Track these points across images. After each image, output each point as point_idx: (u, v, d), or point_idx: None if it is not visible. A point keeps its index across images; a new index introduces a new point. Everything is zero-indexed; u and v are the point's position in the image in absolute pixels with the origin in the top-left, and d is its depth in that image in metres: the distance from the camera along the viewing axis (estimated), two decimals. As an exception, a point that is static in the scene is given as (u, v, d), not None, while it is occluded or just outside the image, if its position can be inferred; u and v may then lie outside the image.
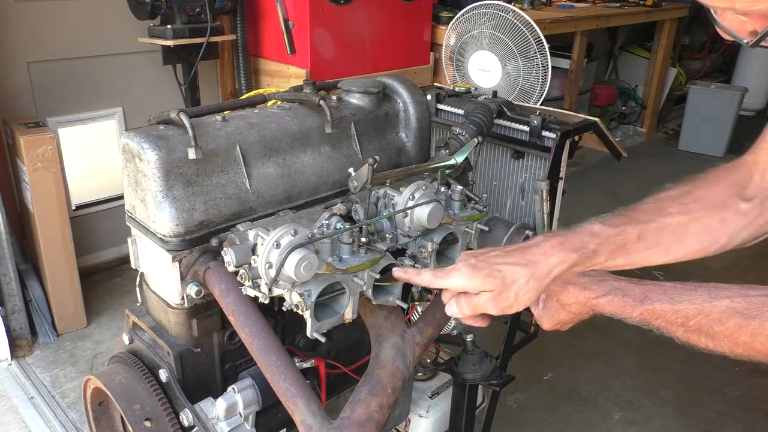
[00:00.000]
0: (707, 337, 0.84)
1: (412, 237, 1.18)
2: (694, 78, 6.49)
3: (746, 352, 0.81)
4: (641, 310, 0.91)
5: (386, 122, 1.46)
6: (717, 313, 0.83)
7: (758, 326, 0.79)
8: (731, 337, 0.82)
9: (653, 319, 0.90)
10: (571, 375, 2.76)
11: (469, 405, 1.62)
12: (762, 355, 0.81)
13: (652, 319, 0.90)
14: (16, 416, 2.40)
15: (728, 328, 0.82)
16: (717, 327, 0.83)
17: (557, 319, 1.04)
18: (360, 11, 3.28)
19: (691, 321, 0.85)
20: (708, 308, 0.84)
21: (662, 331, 0.90)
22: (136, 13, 2.95)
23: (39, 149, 2.59)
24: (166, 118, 1.16)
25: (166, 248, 1.13)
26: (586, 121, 1.64)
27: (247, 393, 1.17)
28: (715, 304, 0.84)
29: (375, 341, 1.21)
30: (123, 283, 3.25)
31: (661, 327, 0.89)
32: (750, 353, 0.81)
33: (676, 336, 0.88)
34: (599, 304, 0.96)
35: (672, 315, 0.87)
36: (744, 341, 0.81)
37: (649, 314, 0.90)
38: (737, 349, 0.82)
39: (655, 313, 0.89)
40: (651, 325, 0.91)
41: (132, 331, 1.30)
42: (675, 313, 0.87)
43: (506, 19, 1.97)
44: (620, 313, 0.94)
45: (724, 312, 0.82)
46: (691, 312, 0.85)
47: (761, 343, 0.79)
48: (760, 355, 0.81)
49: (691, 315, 0.85)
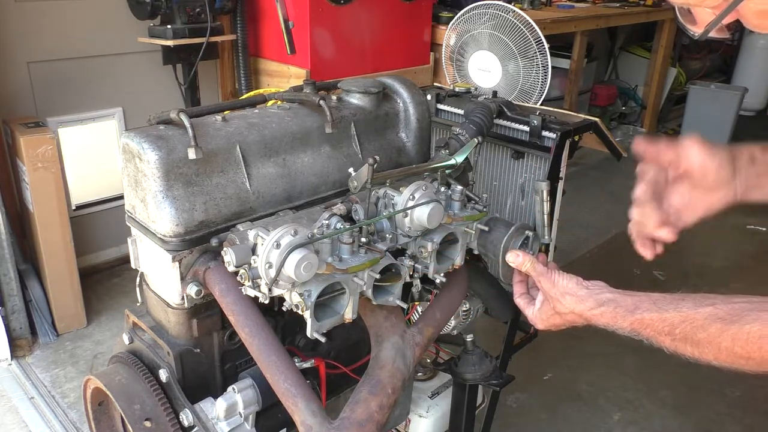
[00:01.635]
0: (692, 345, 0.85)
1: (412, 237, 1.18)
2: (694, 78, 6.50)
3: (729, 359, 0.82)
4: (631, 320, 0.93)
5: (386, 122, 1.46)
6: (701, 320, 0.84)
7: (737, 330, 0.80)
8: (714, 343, 0.82)
9: (642, 328, 0.91)
10: (571, 375, 2.76)
11: (469, 405, 1.62)
12: (743, 360, 0.81)
13: (642, 329, 0.92)
14: (16, 416, 2.40)
15: (711, 334, 0.82)
16: (700, 334, 0.84)
17: (551, 322, 1.07)
18: (360, 11, 3.28)
19: (677, 329, 0.86)
20: (692, 315, 0.85)
21: (652, 341, 0.91)
22: (136, 13, 2.95)
23: (39, 149, 2.59)
24: (166, 118, 1.16)
25: (166, 248, 1.13)
26: (586, 121, 1.64)
27: (247, 393, 1.17)
28: (699, 311, 0.85)
29: (375, 341, 1.21)
30: (123, 283, 3.25)
31: (650, 337, 0.91)
32: (732, 360, 0.82)
33: (665, 346, 0.89)
34: (593, 316, 0.98)
35: (659, 324, 0.89)
36: (726, 346, 0.81)
37: (639, 324, 0.92)
38: (720, 356, 0.83)
39: (644, 322, 0.91)
40: (641, 335, 0.92)
41: (132, 331, 1.30)
42: (662, 321, 0.88)
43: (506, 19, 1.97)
44: (612, 324, 0.96)
45: (707, 318, 0.83)
46: (676, 320, 0.87)
47: (741, 347, 0.80)
48: (741, 360, 0.81)
49: (676, 323, 0.87)
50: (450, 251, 1.25)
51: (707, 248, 3.88)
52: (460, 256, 1.24)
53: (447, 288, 1.34)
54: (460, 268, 1.26)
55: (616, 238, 4.07)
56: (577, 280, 1.02)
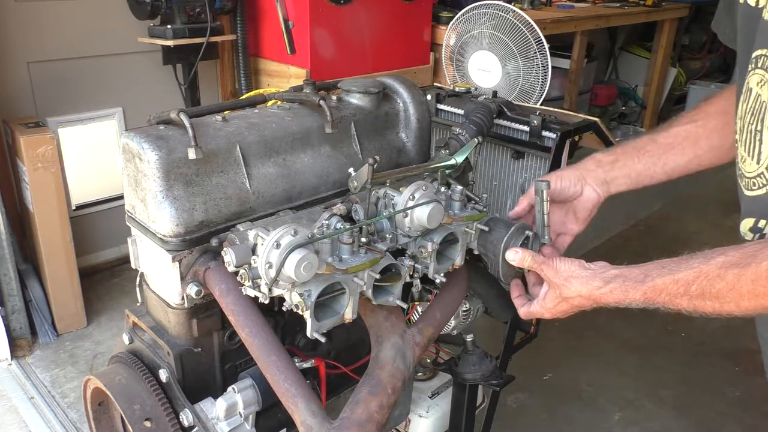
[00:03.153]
0: (711, 298, 0.84)
1: (412, 237, 1.17)
2: (694, 78, 6.49)
3: (752, 303, 0.80)
4: (643, 290, 0.91)
5: (386, 122, 1.46)
6: (715, 270, 0.83)
7: (755, 269, 0.78)
8: (734, 290, 0.81)
9: (656, 295, 0.90)
10: (571, 375, 2.77)
11: (469, 405, 1.62)
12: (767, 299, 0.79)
13: (655, 296, 0.90)
14: (16, 416, 2.40)
15: (728, 282, 0.81)
16: (718, 284, 0.82)
17: (558, 309, 1.05)
18: (360, 11, 3.28)
19: (692, 286, 0.85)
20: (705, 269, 0.84)
21: (668, 306, 0.89)
22: (136, 13, 2.95)
23: (39, 149, 2.59)
24: (166, 118, 1.16)
25: (166, 248, 1.13)
26: (586, 121, 1.64)
27: (247, 393, 1.17)
28: (711, 263, 0.83)
29: (375, 341, 1.21)
30: (123, 283, 3.25)
31: (665, 303, 0.89)
32: (755, 303, 0.80)
33: (683, 308, 0.88)
34: (602, 296, 0.96)
35: (673, 286, 0.87)
36: (747, 290, 0.79)
37: (652, 291, 0.90)
38: (743, 302, 0.81)
39: (657, 288, 0.89)
40: (656, 303, 0.90)
41: (132, 331, 1.30)
42: (675, 283, 0.87)
43: (506, 19, 1.97)
44: (624, 299, 0.94)
45: (721, 267, 0.82)
46: (690, 277, 0.85)
47: (763, 285, 0.78)
48: (765, 299, 0.79)
49: (690, 280, 0.85)
50: (450, 251, 1.25)
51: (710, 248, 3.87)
52: (460, 256, 1.24)
53: (447, 288, 1.34)
54: (460, 268, 1.26)
55: (616, 238, 4.07)
56: (580, 263, 1.01)
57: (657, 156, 1.19)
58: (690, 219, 4.42)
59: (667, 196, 4.72)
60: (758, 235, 0.89)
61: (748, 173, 0.87)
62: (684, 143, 1.18)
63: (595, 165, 1.23)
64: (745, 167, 0.88)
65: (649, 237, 4.16)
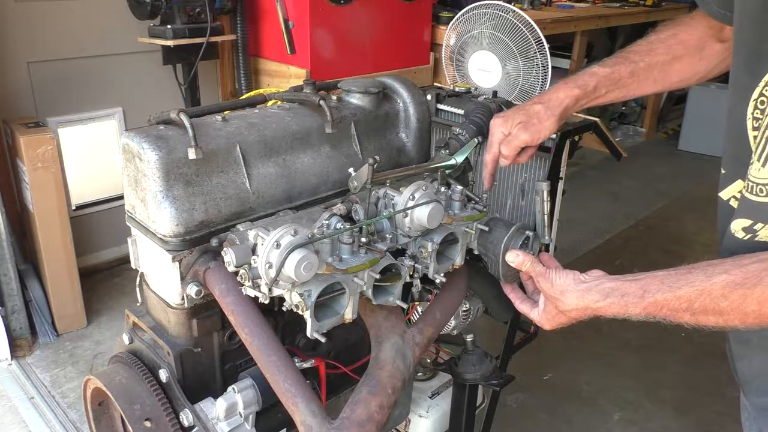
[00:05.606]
0: (715, 314, 0.84)
1: (412, 237, 1.17)
2: (694, 78, 6.48)
3: (757, 320, 0.82)
4: (643, 305, 0.91)
5: (386, 122, 1.46)
6: (719, 290, 0.83)
7: (761, 292, 0.79)
8: (738, 310, 0.82)
9: (657, 311, 0.90)
10: (571, 375, 2.77)
11: (469, 405, 1.62)
12: None
13: (656, 311, 0.90)
14: (16, 416, 2.40)
15: (733, 301, 0.82)
16: (722, 303, 0.83)
17: (557, 322, 1.06)
18: (360, 11, 3.28)
19: (695, 303, 0.85)
20: (708, 287, 0.84)
21: (669, 320, 0.89)
22: (136, 13, 2.95)
23: (39, 149, 2.59)
24: (166, 118, 1.16)
25: (166, 248, 1.13)
26: (586, 121, 1.64)
27: (247, 393, 1.17)
28: (714, 282, 0.84)
29: (375, 341, 1.21)
30: (123, 283, 3.25)
31: (667, 317, 0.89)
32: (760, 321, 0.81)
33: (685, 321, 0.88)
34: (600, 309, 0.96)
35: (675, 302, 0.87)
36: (752, 310, 0.81)
37: (653, 307, 0.90)
38: (748, 320, 0.82)
39: (658, 304, 0.89)
40: (656, 317, 0.90)
41: (132, 331, 1.30)
42: (677, 300, 0.87)
43: (506, 19, 1.97)
44: (623, 314, 0.94)
45: (725, 287, 0.82)
46: (693, 295, 0.85)
47: None
48: None
49: (693, 298, 0.85)
50: (450, 251, 1.25)
51: (711, 249, 3.88)
52: (460, 256, 1.24)
53: (447, 288, 1.34)
54: (460, 268, 1.26)
55: (616, 238, 4.07)
56: (574, 276, 1.01)
57: (632, 86, 1.25)
58: (690, 219, 4.41)
59: (667, 196, 4.72)
60: (750, 235, 0.89)
61: (758, 179, 0.87)
62: (657, 76, 1.24)
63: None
64: (754, 172, 0.87)
65: (649, 237, 4.16)
